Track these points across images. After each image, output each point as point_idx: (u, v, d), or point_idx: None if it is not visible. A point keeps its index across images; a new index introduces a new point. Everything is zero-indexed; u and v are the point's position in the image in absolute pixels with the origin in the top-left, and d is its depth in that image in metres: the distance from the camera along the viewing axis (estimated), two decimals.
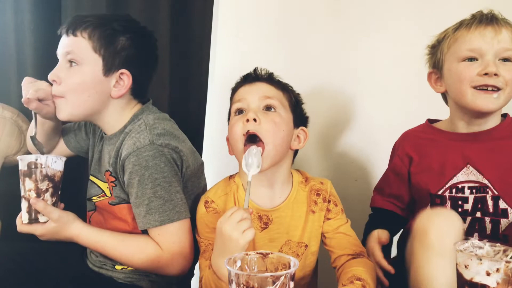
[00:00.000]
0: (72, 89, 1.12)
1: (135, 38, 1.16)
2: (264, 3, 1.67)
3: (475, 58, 1.08)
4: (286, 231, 1.16)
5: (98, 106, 1.15)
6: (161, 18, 1.59)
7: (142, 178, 1.09)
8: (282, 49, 1.66)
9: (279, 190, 1.17)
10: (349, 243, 1.16)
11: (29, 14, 1.58)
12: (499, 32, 1.06)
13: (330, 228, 1.18)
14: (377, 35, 1.57)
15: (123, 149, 1.12)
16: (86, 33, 1.12)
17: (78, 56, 1.12)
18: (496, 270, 0.73)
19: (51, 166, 1.10)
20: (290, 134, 1.14)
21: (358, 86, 1.60)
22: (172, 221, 1.10)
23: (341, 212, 1.20)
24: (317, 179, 1.22)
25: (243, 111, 1.13)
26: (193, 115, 1.67)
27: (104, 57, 1.13)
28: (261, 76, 1.18)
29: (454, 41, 1.11)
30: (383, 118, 1.58)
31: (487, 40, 1.06)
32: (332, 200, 1.20)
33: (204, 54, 1.65)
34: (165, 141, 1.12)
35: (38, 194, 1.07)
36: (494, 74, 1.04)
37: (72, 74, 1.13)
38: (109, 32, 1.13)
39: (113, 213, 1.19)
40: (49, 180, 1.09)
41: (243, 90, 1.15)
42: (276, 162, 1.12)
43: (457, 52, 1.10)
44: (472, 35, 1.08)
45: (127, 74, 1.15)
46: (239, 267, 0.90)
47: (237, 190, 1.17)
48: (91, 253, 1.26)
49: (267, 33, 1.68)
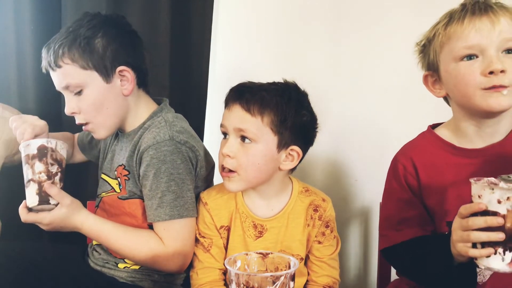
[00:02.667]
0: (91, 111, 1.15)
1: (107, 32, 1.14)
2: (264, 3, 1.67)
3: (475, 55, 0.94)
4: (281, 241, 1.16)
5: (121, 110, 1.18)
6: (161, 18, 1.60)
7: (158, 172, 1.10)
8: (282, 49, 1.66)
9: (274, 200, 1.17)
10: (326, 275, 1.17)
11: (29, 14, 1.57)
12: (497, 22, 0.91)
13: (317, 253, 1.18)
14: (377, 35, 1.57)
15: (142, 143, 1.14)
16: (66, 58, 1.11)
17: (75, 83, 1.13)
18: (506, 198, 0.77)
19: (60, 151, 1.10)
20: (271, 161, 1.10)
21: (358, 87, 1.60)
22: (181, 217, 1.12)
23: (333, 239, 1.19)
24: (319, 194, 1.20)
25: (226, 134, 1.13)
26: (193, 115, 1.66)
27: (96, 68, 1.13)
28: (240, 98, 1.09)
29: (447, 39, 0.97)
30: (383, 118, 1.58)
31: (485, 33, 0.92)
32: (330, 226, 1.18)
33: (204, 54, 1.65)
34: (184, 139, 1.14)
35: (49, 177, 1.07)
36: (500, 71, 0.91)
37: (82, 101, 1.14)
38: (83, 42, 1.11)
39: (121, 208, 1.19)
40: (58, 164, 1.09)
41: (225, 114, 1.13)
42: (259, 183, 1.13)
43: (453, 51, 0.96)
44: (467, 30, 0.93)
45: (125, 69, 1.16)
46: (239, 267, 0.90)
47: (236, 195, 1.17)
48: (94, 251, 1.26)
49: (267, 33, 1.68)
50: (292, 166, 1.14)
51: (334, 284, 1.17)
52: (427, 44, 1.04)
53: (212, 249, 1.16)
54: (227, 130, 1.11)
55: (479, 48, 0.93)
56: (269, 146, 1.09)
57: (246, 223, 1.16)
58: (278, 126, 1.08)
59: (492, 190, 0.78)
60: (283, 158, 1.12)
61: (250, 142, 1.08)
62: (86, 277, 1.21)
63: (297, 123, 1.10)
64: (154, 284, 1.21)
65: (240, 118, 1.08)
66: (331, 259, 1.18)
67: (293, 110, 1.09)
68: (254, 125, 1.07)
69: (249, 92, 1.09)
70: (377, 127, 1.59)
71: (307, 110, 1.13)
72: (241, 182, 1.10)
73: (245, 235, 1.16)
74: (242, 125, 1.08)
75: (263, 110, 1.07)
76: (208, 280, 1.15)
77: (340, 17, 1.60)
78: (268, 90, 1.10)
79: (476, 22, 0.93)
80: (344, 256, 1.65)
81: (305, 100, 1.14)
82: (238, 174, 1.09)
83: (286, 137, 1.09)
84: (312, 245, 1.18)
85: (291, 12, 1.65)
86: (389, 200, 1.11)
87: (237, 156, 1.08)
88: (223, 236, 1.17)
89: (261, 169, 1.09)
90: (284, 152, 1.11)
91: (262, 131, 1.08)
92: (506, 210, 0.77)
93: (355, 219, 1.59)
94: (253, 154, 1.08)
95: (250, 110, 1.07)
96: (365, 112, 1.60)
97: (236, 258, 0.91)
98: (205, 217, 1.16)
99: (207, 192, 1.20)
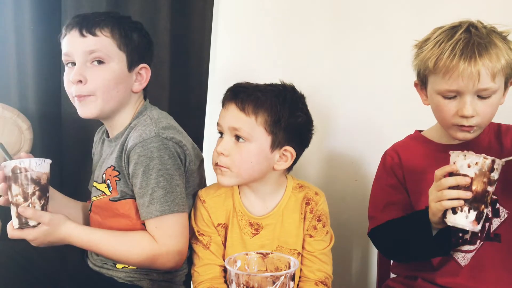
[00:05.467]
0: (103, 85, 1.15)
1: (141, 32, 1.22)
2: (264, 3, 1.68)
3: (454, 95, 1.05)
4: (277, 237, 1.16)
5: (124, 101, 1.20)
6: (161, 18, 1.60)
7: (147, 169, 1.11)
8: (282, 49, 1.66)
9: (269, 198, 1.18)
10: (318, 269, 1.17)
11: (29, 14, 1.58)
12: (477, 71, 1.00)
13: (308, 247, 1.18)
14: (377, 34, 1.56)
15: (129, 141, 1.14)
16: (107, 31, 1.16)
17: (105, 54, 1.15)
18: (475, 163, 0.93)
19: (36, 169, 1.08)
20: (264, 160, 1.11)
21: (358, 86, 1.60)
22: (172, 212, 1.11)
23: (326, 234, 1.19)
24: (313, 188, 1.21)
25: (222, 133, 1.14)
26: (193, 115, 1.67)
27: (127, 53, 1.17)
28: (235, 98, 1.11)
29: (434, 71, 1.06)
30: (383, 118, 1.58)
31: (465, 80, 1.01)
32: (322, 220, 1.18)
33: (204, 54, 1.66)
34: (170, 135, 1.14)
35: (25, 198, 1.07)
36: (470, 116, 1.03)
37: (101, 71, 1.15)
38: (127, 29, 1.18)
39: (114, 210, 1.19)
40: (35, 183, 1.08)
41: (221, 113, 1.14)
42: (251, 180, 1.14)
43: (437, 85, 1.06)
44: (450, 72, 1.02)
45: (146, 68, 1.21)
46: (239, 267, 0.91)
47: (233, 193, 1.18)
48: (92, 252, 1.26)
49: (267, 33, 1.68)
50: (286, 167, 1.14)
51: (326, 279, 1.17)
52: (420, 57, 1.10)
53: (211, 246, 1.17)
54: (223, 129, 1.12)
55: (457, 92, 1.04)
56: (262, 146, 1.10)
57: (242, 222, 1.17)
58: (271, 126, 1.09)
59: (464, 157, 0.94)
60: (277, 158, 1.13)
61: (244, 141, 1.10)
62: (85, 278, 1.21)
63: (291, 124, 1.11)
64: (153, 283, 1.21)
65: (235, 117, 1.10)
66: (322, 254, 1.18)
67: (287, 111, 1.10)
68: (248, 125, 1.09)
69: (244, 92, 1.11)
70: (377, 127, 1.59)
71: (302, 112, 1.14)
72: (233, 177, 1.11)
73: (242, 233, 1.16)
74: (237, 124, 1.09)
75: (257, 110, 1.08)
76: (209, 277, 1.15)
77: (340, 17, 1.60)
78: (264, 91, 1.11)
79: (461, 68, 1.01)
80: (344, 256, 1.65)
81: (301, 102, 1.15)
82: (229, 170, 1.11)
83: (279, 137, 1.10)
84: (304, 239, 1.18)
85: (291, 12, 1.65)
86: (377, 187, 1.23)
87: (231, 154, 1.10)
88: (221, 234, 1.18)
89: (254, 167, 1.11)
90: (277, 152, 1.12)
91: (255, 130, 1.09)
92: (474, 173, 0.93)
93: (355, 219, 1.59)
94: (246, 153, 1.09)
95: (245, 110, 1.09)
96: (365, 112, 1.60)
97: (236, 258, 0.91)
98: (203, 215, 1.17)
99: (205, 190, 1.20)
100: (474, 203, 0.93)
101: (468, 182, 0.93)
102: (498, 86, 1.04)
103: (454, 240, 1.10)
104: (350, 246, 1.66)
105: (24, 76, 1.61)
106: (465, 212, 0.94)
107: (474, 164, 0.93)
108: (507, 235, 1.09)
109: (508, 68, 1.04)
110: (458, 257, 1.12)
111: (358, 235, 1.63)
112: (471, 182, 0.93)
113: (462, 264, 1.11)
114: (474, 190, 0.93)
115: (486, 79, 1.01)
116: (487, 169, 0.93)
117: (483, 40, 1.03)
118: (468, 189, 0.93)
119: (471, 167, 0.93)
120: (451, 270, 1.12)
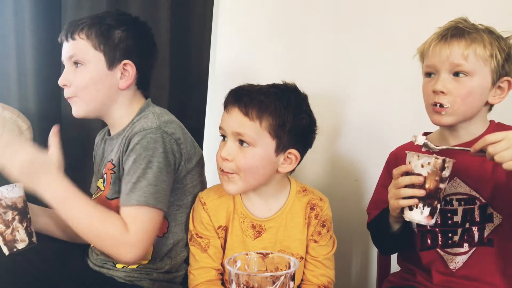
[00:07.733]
0: (81, 86, 1.19)
1: (129, 29, 1.22)
2: (264, 3, 1.67)
3: (434, 74, 1.10)
4: (280, 241, 1.16)
5: (108, 99, 1.21)
6: (161, 18, 1.60)
7: (138, 157, 1.10)
8: (281, 49, 1.66)
9: (272, 201, 1.17)
10: (321, 274, 1.18)
11: (29, 14, 1.58)
12: (453, 47, 1.06)
13: (312, 252, 1.18)
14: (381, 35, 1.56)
15: (131, 133, 1.15)
16: (83, 33, 1.19)
17: (81, 57, 1.19)
18: (427, 163, 0.98)
19: (9, 196, 1.08)
20: (269, 164, 1.10)
21: (358, 86, 1.60)
22: (147, 205, 1.08)
23: (329, 239, 1.19)
24: (317, 193, 1.21)
25: (225, 137, 1.13)
26: (193, 115, 1.67)
27: (105, 52, 1.19)
28: (238, 101, 1.09)
29: (422, 56, 1.14)
30: (383, 118, 1.57)
31: (442, 57, 1.07)
32: (327, 225, 1.18)
33: (204, 54, 1.66)
34: (171, 130, 1.15)
35: (7, 225, 1.08)
36: (440, 91, 1.06)
37: (79, 74, 1.19)
38: (104, 28, 1.19)
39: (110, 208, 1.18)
40: (11, 209, 1.08)
41: (224, 117, 1.13)
42: (257, 186, 1.13)
43: (423, 67, 1.13)
44: (431, 51, 1.09)
45: (130, 64, 1.21)
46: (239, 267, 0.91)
47: (234, 195, 1.17)
48: (93, 252, 1.26)
49: (267, 33, 1.68)
50: (290, 169, 1.14)
51: (329, 284, 1.17)
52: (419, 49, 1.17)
53: (209, 249, 1.16)
54: (226, 133, 1.11)
55: (434, 68, 1.09)
56: (267, 150, 1.09)
57: (244, 224, 1.16)
58: (276, 130, 1.08)
59: (418, 157, 1.00)
60: (281, 161, 1.12)
61: (248, 146, 1.08)
62: (85, 277, 1.21)
63: (296, 127, 1.10)
64: (153, 283, 1.20)
65: (239, 122, 1.08)
66: (326, 259, 1.18)
67: (291, 114, 1.09)
68: (252, 130, 1.07)
69: (247, 96, 1.09)
70: (377, 126, 1.59)
71: (306, 114, 1.13)
72: (240, 183, 1.10)
73: (243, 235, 1.16)
74: (241, 129, 1.08)
75: (261, 114, 1.07)
76: (204, 280, 1.15)
77: (340, 17, 1.60)
78: (267, 94, 1.09)
79: (441, 46, 1.07)
80: (344, 256, 1.65)
81: (304, 103, 1.14)
82: (237, 175, 1.10)
83: (284, 141, 1.09)
84: (308, 244, 1.18)
85: (291, 12, 1.65)
86: (377, 185, 1.30)
87: (235, 159, 1.08)
88: (221, 236, 1.17)
89: (259, 172, 1.10)
90: (282, 156, 1.11)
91: (260, 135, 1.08)
92: (427, 172, 0.99)
93: (355, 219, 1.59)
94: (251, 158, 1.08)
95: (249, 114, 1.07)
96: (365, 112, 1.60)
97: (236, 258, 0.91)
98: (202, 218, 1.16)
99: (205, 193, 1.20)
100: (428, 199, 0.99)
101: (422, 181, 0.99)
102: (472, 68, 1.05)
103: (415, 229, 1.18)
104: (350, 246, 1.66)
105: (24, 76, 1.61)
106: (420, 208, 1.00)
107: (427, 164, 0.98)
108: (500, 240, 1.10)
109: (493, 61, 1.06)
110: (447, 259, 1.13)
111: (358, 235, 1.63)
112: (424, 181, 0.99)
113: (451, 268, 1.12)
114: (427, 188, 0.99)
115: (457, 54, 1.05)
116: (439, 168, 0.98)
117: (467, 28, 1.08)
118: (422, 187, 0.99)
119: (424, 166, 0.99)
120: (444, 271, 1.13)
